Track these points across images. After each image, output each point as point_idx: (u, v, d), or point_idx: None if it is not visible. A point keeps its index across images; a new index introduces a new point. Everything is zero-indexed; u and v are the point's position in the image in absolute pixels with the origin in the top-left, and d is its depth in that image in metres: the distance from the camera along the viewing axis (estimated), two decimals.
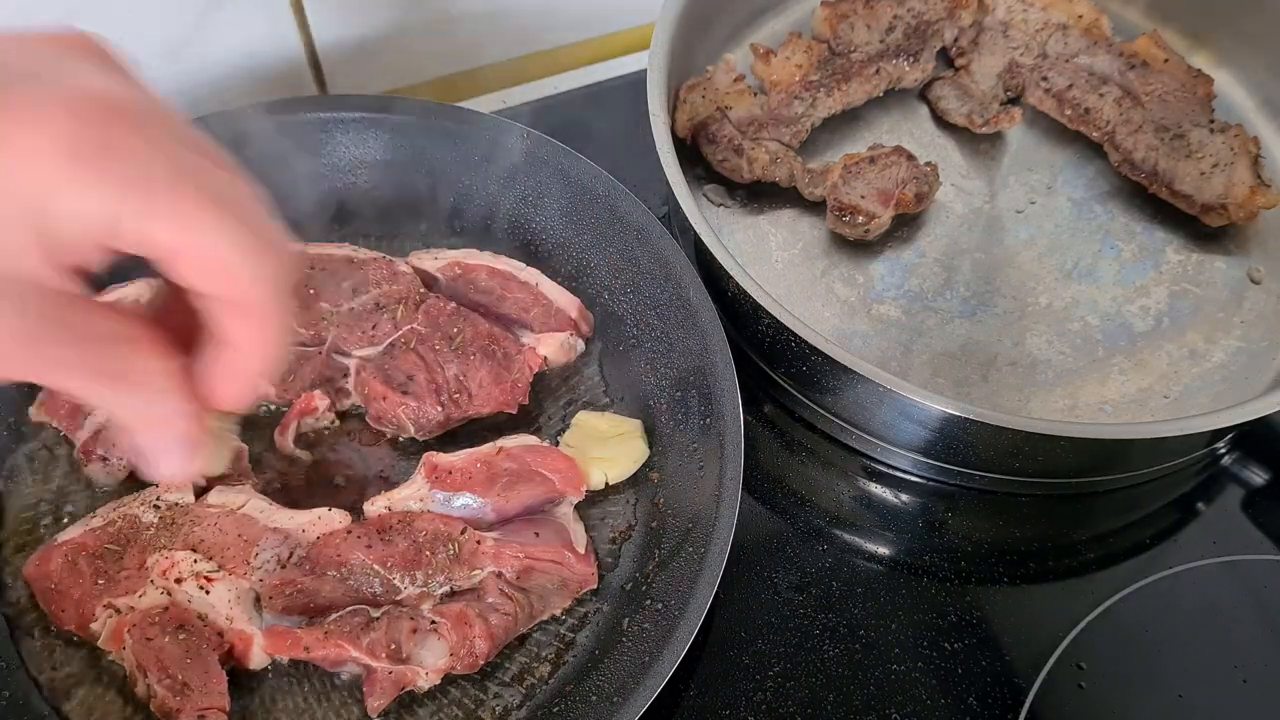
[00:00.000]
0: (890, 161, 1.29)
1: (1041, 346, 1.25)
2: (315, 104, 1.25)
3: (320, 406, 1.12)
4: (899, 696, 1.06)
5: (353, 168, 1.27)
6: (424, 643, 0.97)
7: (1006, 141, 1.42)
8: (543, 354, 1.16)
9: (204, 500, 1.05)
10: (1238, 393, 1.23)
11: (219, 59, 1.34)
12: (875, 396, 1.11)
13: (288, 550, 1.02)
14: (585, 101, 1.48)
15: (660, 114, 1.20)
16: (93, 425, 1.08)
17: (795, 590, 1.12)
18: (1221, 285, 1.31)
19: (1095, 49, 1.41)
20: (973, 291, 1.29)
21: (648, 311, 1.18)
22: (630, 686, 0.93)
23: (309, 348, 1.16)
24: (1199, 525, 1.21)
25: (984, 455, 1.14)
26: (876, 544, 1.17)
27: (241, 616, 0.98)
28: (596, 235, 1.21)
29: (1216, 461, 1.25)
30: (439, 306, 1.17)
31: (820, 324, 1.24)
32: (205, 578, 0.99)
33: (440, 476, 1.07)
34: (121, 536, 1.02)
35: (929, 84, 1.43)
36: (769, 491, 1.19)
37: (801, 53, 1.39)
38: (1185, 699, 1.08)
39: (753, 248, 1.30)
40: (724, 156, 1.30)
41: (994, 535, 1.18)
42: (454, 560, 1.02)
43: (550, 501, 1.09)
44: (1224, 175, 1.30)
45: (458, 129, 1.24)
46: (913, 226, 1.33)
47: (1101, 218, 1.36)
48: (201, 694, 0.94)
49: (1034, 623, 1.12)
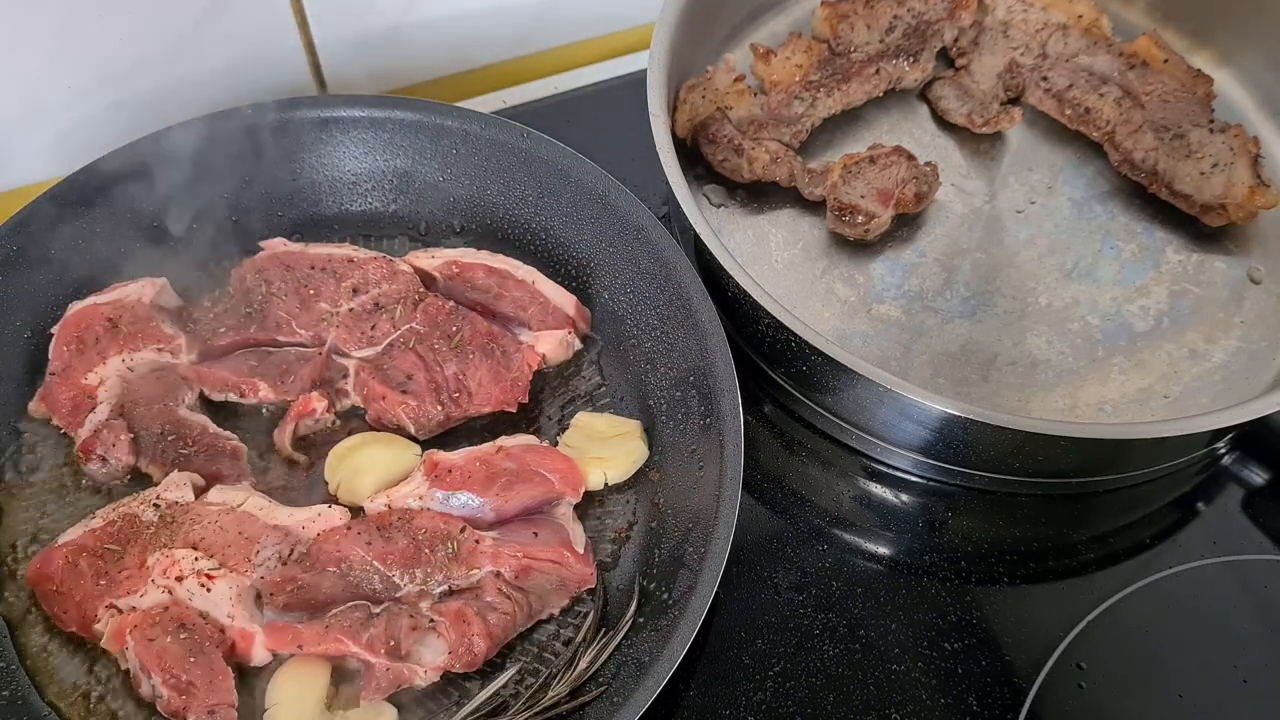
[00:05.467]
0: (890, 161, 1.29)
1: (1041, 346, 1.25)
2: (315, 104, 1.25)
3: (319, 408, 1.12)
4: (899, 696, 1.06)
5: (352, 167, 1.27)
6: (423, 640, 0.98)
7: (1006, 141, 1.42)
8: (541, 351, 1.16)
9: (204, 498, 1.05)
10: (1238, 393, 1.23)
11: (219, 59, 1.34)
12: (875, 396, 1.11)
13: (288, 547, 1.02)
14: (585, 101, 1.48)
15: (660, 114, 1.20)
16: (93, 423, 1.08)
17: (795, 590, 1.12)
18: (1221, 285, 1.31)
19: (1095, 49, 1.41)
20: (973, 291, 1.29)
21: (648, 311, 1.18)
22: (630, 686, 0.93)
23: (309, 349, 1.17)
24: (1199, 525, 1.21)
25: (984, 455, 1.14)
26: (876, 544, 1.17)
27: (243, 614, 0.98)
28: (596, 235, 1.21)
29: (1216, 461, 1.25)
30: (437, 305, 1.17)
31: (820, 324, 1.24)
32: (206, 575, 0.99)
33: (440, 475, 1.07)
34: (122, 536, 1.02)
35: (929, 84, 1.43)
36: (769, 491, 1.19)
37: (801, 53, 1.39)
38: (1185, 699, 1.08)
39: (753, 248, 1.30)
40: (724, 156, 1.30)
41: (994, 535, 1.18)
42: (453, 559, 1.02)
43: (549, 501, 1.09)
44: (1224, 175, 1.30)
45: (458, 129, 1.24)
46: (913, 226, 1.33)
47: (1101, 218, 1.36)
48: (208, 691, 0.94)
49: (1034, 623, 1.12)
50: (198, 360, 1.14)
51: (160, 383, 1.12)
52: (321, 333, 1.16)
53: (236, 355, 1.16)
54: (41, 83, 1.26)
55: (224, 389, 1.13)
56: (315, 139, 1.25)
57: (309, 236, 1.24)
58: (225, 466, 1.09)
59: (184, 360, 1.14)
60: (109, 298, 1.15)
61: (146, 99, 1.32)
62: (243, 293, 1.17)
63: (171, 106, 1.28)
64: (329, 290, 1.17)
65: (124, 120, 1.29)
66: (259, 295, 1.17)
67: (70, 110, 1.30)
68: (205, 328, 1.16)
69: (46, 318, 1.15)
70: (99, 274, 1.18)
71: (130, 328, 1.13)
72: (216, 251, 1.23)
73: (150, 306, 1.15)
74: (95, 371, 1.11)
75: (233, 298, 1.18)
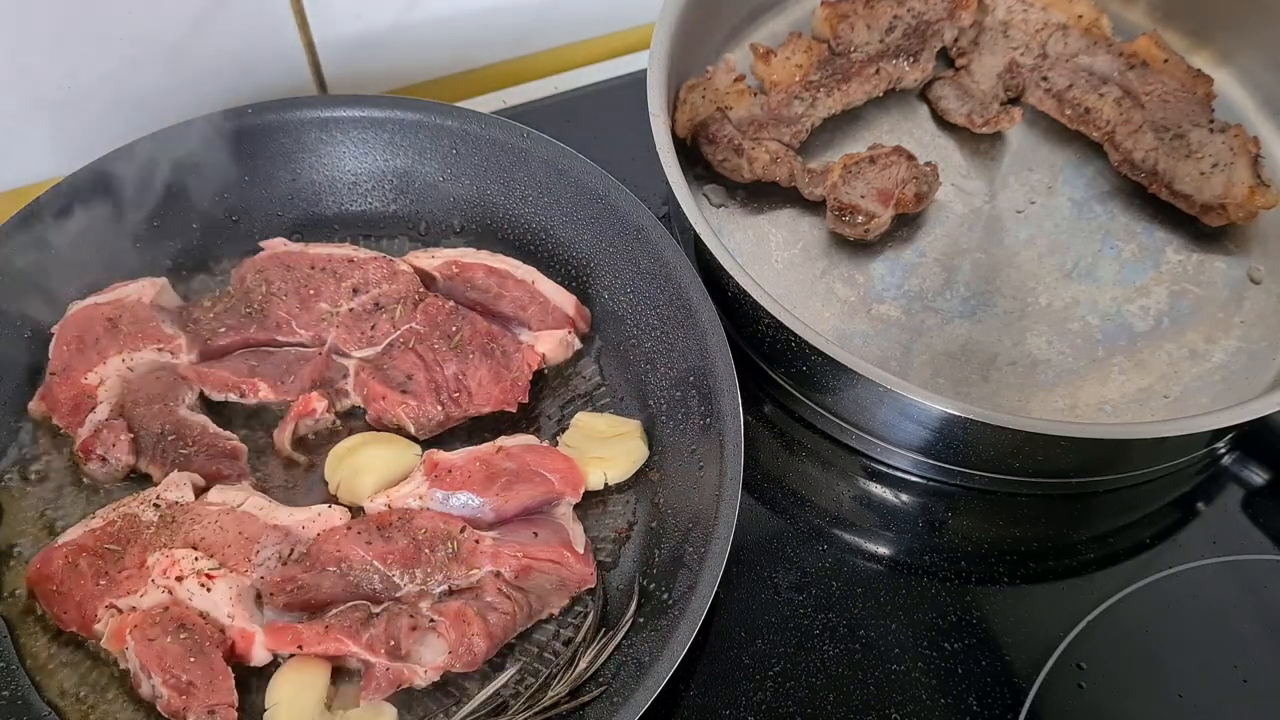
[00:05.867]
0: (890, 161, 1.29)
1: (1041, 346, 1.25)
2: (315, 104, 1.25)
3: (319, 409, 1.12)
4: (899, 696, 1.06)
5: (352, 167, 1.27)
6: (423, 640, 0.98)
7: (1006, 141, 1.41)
8: (541, 351, 1.16)
9: (204, 498, 1.05)
10: (1238, 393, 1.23)
11: (219, 59, 1.34)
12: (875, 396, 1.11)
13: (288, 547, 1.02)
14: (585, 101, 1.48)
15: (660, 114, 1.20)
16: (93, 423, 1.08)
17: (795, 590, 1.12)
18: (1221, 285, 1.31)
19: (1095, 49, 1.41)
20: (973, 291, 1.29)
21: (648, 311, 1.18)
22: (630, 686, 0.93)
23: (309, 349, 1.17)
24: (1199, 525, 1.21)
25: (984, 455, 1.14)
26: (876, 544, 1.17)
27: (243, 613, 0.98)
28: (596, 235, 1.21)
29: (1216, 461, 1.25)
30: (437, 305, 1.17)
31: (820, 324, 1.24)
32: (206, 575, 0.99)
33: (440, 475, 1.07)
34: (122, 536, 1.02)
35: (929, 84, 1.43)
36: (769, 491, 1.19)
37: (801, 53, 1.39)
38: (1185, 699, 1.08)
39: (753, 248, 1.30)
40: (724, 156, 1.30)
41: (994, 535, 1.18)
42: (453, 558, 1.02)
43: (549, 501, 1.08)
44: (1224, 175, 1.30)
45: (458, 129, 1.24)
46: (913, 226, 1.33)
47: (1101, 218, 1.36)
48: (208, 691, 0.94)
49: (1034, 623, 1.12)
50: (198, 360, 1.14)
51: (160, 383, 1.12)
52: (321, 333, 1.16)
53: (236, 355, 1.16)
54: (41, 83, 1.26)
55: (224, 389, 1.13)
56: (315, 139, 1.25)
57: (309, 236, 1.24)
58: (225, 466, 1.09)
59: (184, 360, 1.14)
60: (109, 297, 1.15)
61: (146, 99, 1.32)
62: (243, 293, 1.17)
63: (171, 106, 1.28)
64: (329, 290, 1.17)
65: (124, 120, 1.29)
66: (259, 295, 1.17)
67: (70, 110, 1.30)
68: (205, 328, 1.16)
69: (46, 318, 1.15)
70: (99, 274, 1.18)
71: (130, 327, 1.13)
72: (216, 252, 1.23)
73: (150, 306, 1.15)
74: (95, 371, 1.11)
75: (233, 298, 1.18)
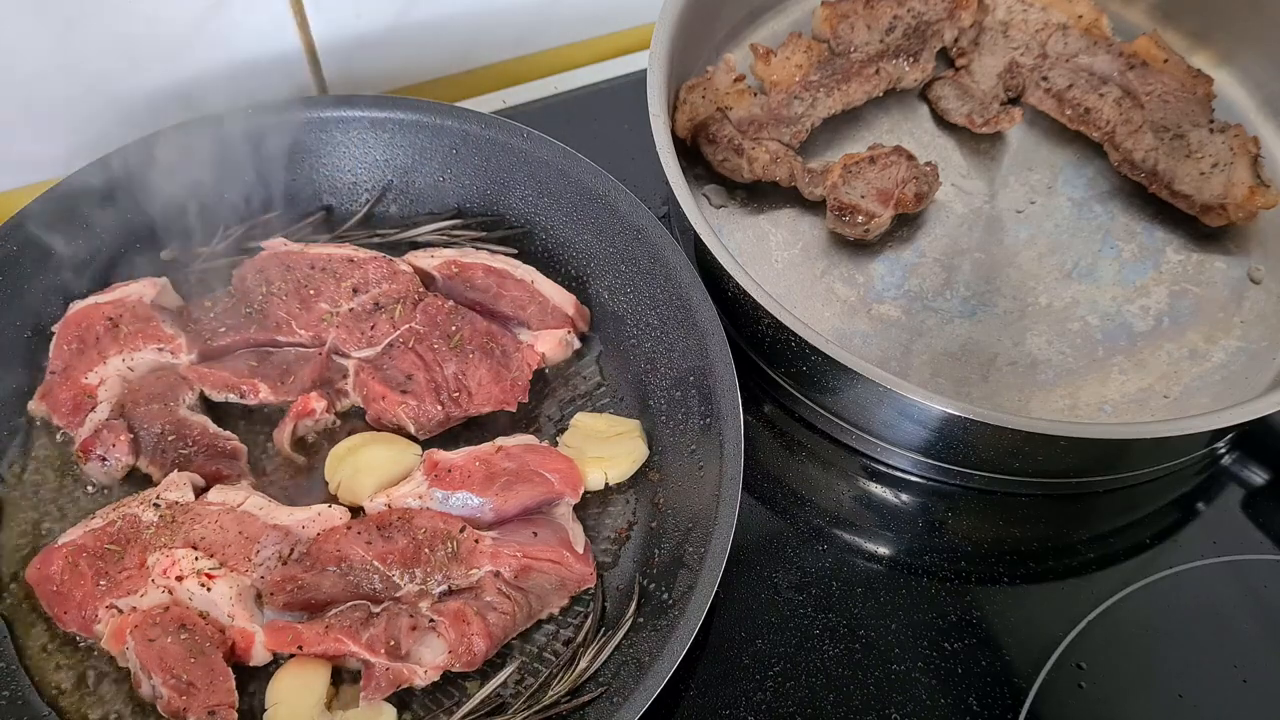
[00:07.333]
0: (890, 161, 1.29)
1: (1041, 346, 1.25)
2: (315, 104, 1.25)
3: (318, 409, 1.12)
4: (899, 696, 1.06)
5: (352, 167, 1.27)
6: (423, 640, 0.98)
7: (1006, 141, 1.41)
8: (540, 351, 1.16)
9: (204, 498, 1.05)
10: (1238, 393, 1.23)
11: (219, 59, 1.34)
12: (875, 396, 1.11)
13: (288, 546, 1.02)
14: (585, 101, 1.48)
15: (660, 114, 1.20)
16: (93, 423, 1.08)
17: (795, 590, 1.12)
18: (1221, 285, 1.31)
19: (1095, 49, 1.41)
20: (973, 291, 1.29)
21: (647, 311, 1.18)
22: (630, 686, 0.93)
23: (309, 349, 1.16)
24: (1199, 525, 1.21)
25: (984, 455, 1.14)
26: (876, 544, 1.17)
27: (243, 613, 0.98)
28: (596, 235, 1.21)
29: (1216, 461, 1.25)
30: (437, 305, 1.17)
31: (820, 324, 1.24)
32: (206, 575, 0.99)
33: (440, 475, 1.07)
34: (122, 536, 1.02)
35: (929, 84, 1.43)
36: (769, 491, 1.19)
37: (801, 53, 1.39)
38: (1185, 699, 1.08)
39: (753, 248, 1.30)
40: (724, 156, 1.30)
41: (994, 535, 1.18)
42: (452, 558, 1.02)
43: (549, 501, 1.08)
44: (1224, 175, 1.30)
45: (458, 129, 1.24)
46: (913, 226, 1.33)
47: (1101, 218, 1.36)
48: (209, 691, 0.94)
49: (1034, 623, 1.12)
50: (198, 360, 1.14)
51: (160, 383, 1.12)
52: (321, 333, 1.16)
53: (236, 355, 1.16)
54: (41, 83, 1.26)
55: (224, 389, 1.13)
56: (315, 139, 1.25)
57: (308, 236, 1.24)
58: (225, 466, 1.09)
59: (184, 360, 1.14)
60: (109, 297, 1.15)
61: (146, 99, 1.32)
62: (243, 293, 1.17)
63: (171, 106, 1.28)
64: (329, 290, 1.17)
65: (124, 120, 1.29)
66: (259, 295, 1.17)
67: (70, 110, 1.30)
68: (205, 328, 1.16)
69: (46, 318, 1.15)
70: (99, 274, 1.18)
71: (130, 327, 1.13)
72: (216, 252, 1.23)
73: (151, 306, 1.15)
74: (95, 371, 1.11)
75: (233, 298, 1.18)
